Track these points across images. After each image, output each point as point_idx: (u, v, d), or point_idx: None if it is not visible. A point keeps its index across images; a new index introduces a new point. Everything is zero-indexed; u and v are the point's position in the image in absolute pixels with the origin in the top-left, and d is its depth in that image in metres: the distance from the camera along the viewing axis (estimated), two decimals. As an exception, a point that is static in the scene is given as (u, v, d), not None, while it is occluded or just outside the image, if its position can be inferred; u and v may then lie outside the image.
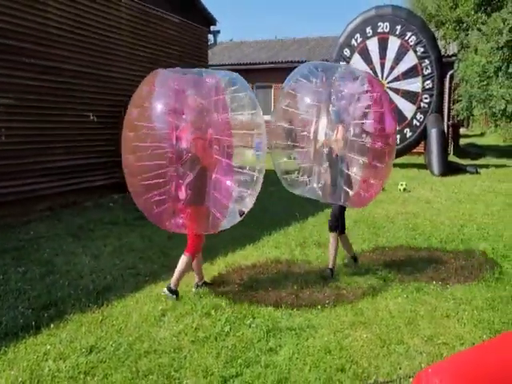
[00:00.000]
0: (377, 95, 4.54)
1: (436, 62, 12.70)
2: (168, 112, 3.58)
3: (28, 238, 5.93)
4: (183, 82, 3.77)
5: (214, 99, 3.67)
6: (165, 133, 3.58)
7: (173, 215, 3.69)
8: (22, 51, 6.74)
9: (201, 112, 3.67)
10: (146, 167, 3.52)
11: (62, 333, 3.37)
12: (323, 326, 3.60)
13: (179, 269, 4.02)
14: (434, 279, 4.63)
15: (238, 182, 3.80)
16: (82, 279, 4.50)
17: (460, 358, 2.38)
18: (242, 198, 3.83)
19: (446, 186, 10.49)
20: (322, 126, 4.54)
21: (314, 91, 4.64)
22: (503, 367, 2.22)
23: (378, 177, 4.65)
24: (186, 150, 3.59)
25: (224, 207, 3.77)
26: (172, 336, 3.37)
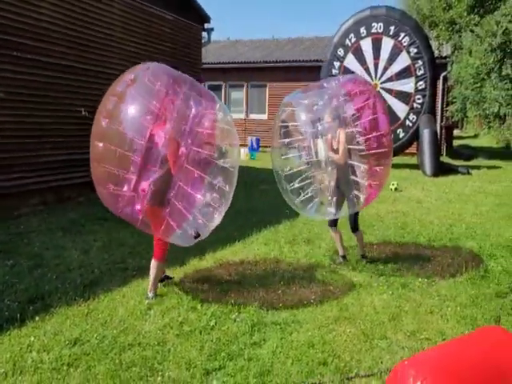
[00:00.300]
0: (370, 100, 4.64)
1: (429, 63, 12.78)
2: (149, 106, 3.51)
3: (18, 231, 5.92)
4: (180, 79, 3.71)
5: (202, 110, 3.61)
6: (138, 125, 3.47)
7: (129, 203, 3.52)
8: (11, 45, 6.71)
9: (182, 115, 3.58)
10: (111, 155, 3.40)
11: (46, 325, 3.38)
12: (308, 321, 3.63)
13: (152, 276, 3.95)
14: (420, 276, 4.68)
15: (207, 196, 3.71)
16: (70, 273, 4.51)
17: (437, 351, 2.43)
18: (209, 214, 3.75)
19: (437, 186, 10.57)
20: (320, 146, 4.66)
21: (310, 108, 4.71)
22: (478, 360, 2.27)
23: (379, 178, 4.78)
24: (159, 147, 3.49)
25: (182, 218, 3.63)
26: (157, 329, 3.39)
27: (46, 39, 7.32)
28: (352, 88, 4.71)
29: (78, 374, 2.78)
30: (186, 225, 3.71)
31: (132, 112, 3.50)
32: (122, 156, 3.41)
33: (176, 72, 3.77)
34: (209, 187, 3.73)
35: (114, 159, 3.42)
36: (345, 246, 5.29)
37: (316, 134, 4.66)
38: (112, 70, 8.67)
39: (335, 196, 4.72)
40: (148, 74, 3.61)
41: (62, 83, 7.62)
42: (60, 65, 7.60)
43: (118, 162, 3.42)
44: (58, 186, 7.61)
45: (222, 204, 3.74)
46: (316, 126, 4.66)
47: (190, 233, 3.63)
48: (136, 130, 3.45)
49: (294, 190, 4.84)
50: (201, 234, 3.67)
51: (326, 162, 4.66)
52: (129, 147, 3.42)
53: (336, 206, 4.75)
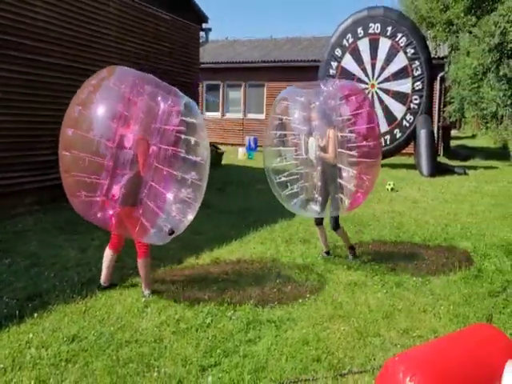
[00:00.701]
0: (365, 108, 4.69)
1: (426, 63, 12.85)
2: (114, 110, 3.50)
3: (15, 230, 5.96)
4: (143, 79, 3.70)
5: (168, 108, 3.60)
6: (107, 128, 3.48)
7: (101, 208, 3.55)
8: (12, 45, 6.75)
9: (150, 114, 3.58)
10: (81, 162, 3.41)
11: (45, 322, 3.43)
12: (303, 319, 3.68)
13: (143, 275, 3.99)
14: (415, 275, 4.74)
15: (181, 192, 3.69)
16: (68, 271, 4.55)
17: (427, 347, 2.48)
18: (183, 209, 3.73)
19: (433, 186, 10.64)
20: (312, 144, 4.70)
21: (305, 106, 4.76)
22: (467, 357, 2.32)
23: (365, 187, 4.83)
24: (128, 149, 3.50)
25: (154, 216, 3.63)
26: (154, 327, 3.44)
27: (45, 39, 7.35)
28: (348, 93, 4.76)
29: (76, 370, 2.83)
30: (159, 223, 3.71)
31: (98, 117, 3.49)
32: (91, 162, 3.41)
33: (140, 73, 3.79)
34: (181, 183, 3.73)
35: (83, 167, 3.42)
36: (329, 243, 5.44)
37: (309, 132, 4.70)
38: (110, 69, 8.70)
39: (321, 195, 4.76)
40: (112, 77, 3.63)
41: (59, 83, 7.65)
42: (58, 64, 7.63)
43: (88, 169, 3.42)
44: (54, 185, 7.62)
45: (196, 198, 3.76)
46: (309, 124, 4.70)
47: (164, 230, 3.66)
48: (104, 135, 3.46)
49: (281, 183, 4.88)
50: (175, 230, 3.67)
51: (315, 161, 4.69)
52: (98, 152, 3.43)
53: (321, 205, 4.80)
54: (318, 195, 4.76)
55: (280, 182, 4.89)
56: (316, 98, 4.75)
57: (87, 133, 3.42)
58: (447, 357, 2.30)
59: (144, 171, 3.55)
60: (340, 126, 4.66)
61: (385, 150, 13.29)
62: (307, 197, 4.83)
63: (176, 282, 4.39)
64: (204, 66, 18.60)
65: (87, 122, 3.46)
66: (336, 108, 4.70)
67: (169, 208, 3.67)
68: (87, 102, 3.50)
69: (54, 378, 2.74)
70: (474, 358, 2.31)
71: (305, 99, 4.79)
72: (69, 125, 3.48)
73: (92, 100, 3.50)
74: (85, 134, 3.42)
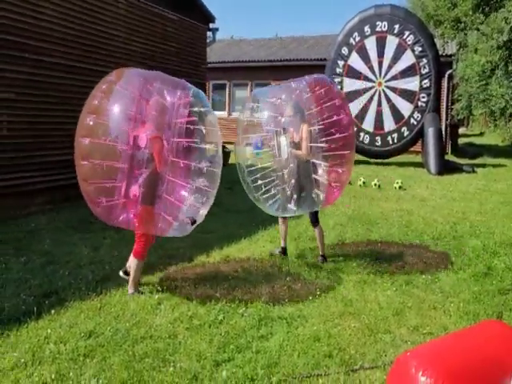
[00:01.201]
0: (335, 101, 4.63)
1: (434, 61, 12.82)
2: (126, 113, 3.57)
3: (29, 229, 6.06)
4: (151, 77, 3.77)
5: (177, 101, 3.67)
6: (121, 132, 3.57)
7: (122, 210, 3.64)
8: (22, 46, 6.84)
9: (162, 111, 3.66)
10: (98, 169, 3.50)
11: (62, 318, 3.51)
12: (313, 316, 3.73)
13: (133, 274, 4.03)
14: (424, 273, 4.77)
15: (193, 189, 3.78)
16: (82, 269, 4.63)
17: (438, 343, 2.53)
18: (201, 198, 3.81)
19: (441, 184, 10.63)
20: (283, 144, 4.65)
21: (274, 104, 4.71)
22: (478, 352, 2.36)
23: (340, 180, 4.76)
24: (143, 149, 3.58)
25: (176, 211, 3.72)
26: (168, 323, 3.51)
27: (52, 40, 7.44)
28: (318, 87, 4.67)
29: (94, 365, 2.90)
30: (181, 215, 3.80)
31: (113, 122, 3.58)
32: (109, 167, 3.52)
33: (147, 71, 3.86)
34: (197, 172, 3.82)
35: (101, 173, 3.52)
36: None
37: (279, 131, 4.65)
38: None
39: (296, 193, 4.65)
40: (121, 81, 3.70)
41: (70, 83, 7.75)
42: (68, 65, 7.72)
43: (106, 175, 3.52)
44: (66, 184, 7.74)
45: (212, 186, 3.84)
46: (279, 121, 4.64)
47: (185, 221, 3.73)
48: (119, 138, 3.55)
49: (256, 186, 4.83)
50: (196, 220, 3.75)
51: (288, 159, 4.63)
52: (115, 157, 3.52)
53: (296, 203, 4.68)
54: (293, 192, 4.65)
55: (256, 185, 4.82)
56: (284, 93, 4.70)
57: (103, 140, 3.51)
58: (458, 352, 2.34)
59: (160, 168, 3.64)
60: (312, 121, 4.60)
61: (392, 148, 13.35)
62: (284, 198, 4.73)
63: (187, 279, 4.46)
64: (210, 65, 18.66)
65: (102, 129, 3.56)
66: (307, 102, 4.65)
67: (188, 199, 3.75)
68: (100, 109, 3.59)
69: (74, 372, 2.81)
70: (484, 353, 2.35)
71: (273, 98, 4.73)
72: (84, 134, 3.57)
73: (105, 106, 3.58)
74: (101, 142, 3.50)
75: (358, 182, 10.30)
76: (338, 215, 7.34)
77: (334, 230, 6.48)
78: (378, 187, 10.02)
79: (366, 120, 13.47)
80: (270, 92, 4.94)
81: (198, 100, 3.84)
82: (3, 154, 6.63)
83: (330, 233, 6.30)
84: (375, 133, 13.40)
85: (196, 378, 2.82)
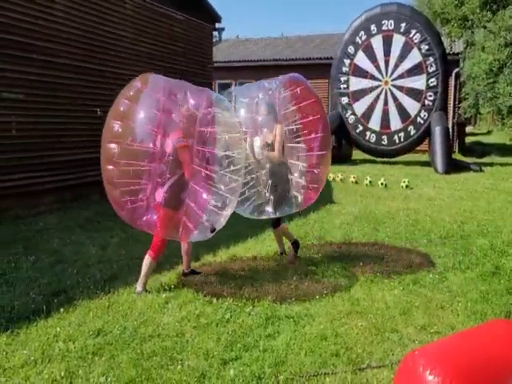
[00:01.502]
0: (311, 100, 4.52)
1: (440, 59, 12.76)
2: (153, 117, 3.63)
3: (38, 228, 6.12)
4: (176, 87, 3.83)
5: (204, 110, 3.73)
6: (148, 134, 3.65)
7: (146, 211, 3.72)
8: (30, 47, 6.91)
9: (191, 120, 3.72)
10: (125, 174, 3.58)
11: (71, 317, 3.54)
12: (320, 315, 3.74)
13: (144, 271, 4.06)
14: (431, 272, 4.75)
15: (215, 196, 3.85)
16: (90, 268, 4.67)
17: (446, 341, 2.52)
18: (216, 213, 3.85)
19: (449, 183, 10.57)
20: (257, 143, 4.56)
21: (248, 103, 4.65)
22: (487, 351, 2.36)
23: (317, 181, 4.64)
24: (168, 155, 3.65)
25: (197, 218, 3.79)
26: (175, 322, 3.53)
27: (62, 41, 7.51)
28: (293, 86, 4.57)
29: (103, 362, 2.93)
30: (201, 222, 3.85)
31: (140, 126, 3.66)
32: (135, 171, 3.63)
33: (169, 79, 3.90)
34: (220, 179, 3.87)
35: (128, 177, 3.62)
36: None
37: (254, 132, 4.58)
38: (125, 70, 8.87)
39: (272, 194, 4.56)
40: (146, 87, 3.74)
41: (77, 84, 7.81)
42: (76, 66, 7.79)
43: (132, 177, 3.63)
44: (74, 184, 7.81)
45: (235, 192, 3.89)
46: (255, 121, 4.58)
47: (206, 225, 3.79)
48: (145, 141, 3.64)
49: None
50: (216, 226, 3.83)
51: (263, 159, 4.56)
52: (140, 159, 3.62)
53: (273, 205, 4.59)
54: (270, 194, 4.57)
55: None
56: (259, 92, 4.62)
57: (130, 143, 3.57)
58: (466, 351, 2.34)
59: (188, 176, 3.70)
60: (287, 121, 4.53)
61: (398, 147, 13.31)
62: (260, 200, 4.65)
63: (194, 279, 4.48)
64: (216, 65, 18.69)
65: (129, 133, 3.62)
66: (282, 102, 4.56)
67: (209, 205, 3.80)
68: (127, 114, 3.64)
69: (83, 370, 2.84)
70: (492, 352, 2.34)
71: (248, 99, 4.66)
72: (110, 139, 3.62)
73: (131, 111, 3.64)
74: (127, 146, 3.55)
75: (364, 181, 10.28)
76: (344, 214, 7.34)
77: (340, 230, 6.48)
78: (384, 186, 10.00)
79: (372, 119, 13.43)
80: (246, 91, 4.85)
81: (221, 108, 3.90)
82: (12, 154, 6.70)
83: (337, 232, 6.30)
84: (382, 132, 13.36)
85: (204, 376, 2.83)
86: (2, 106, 6.68)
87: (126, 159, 3.58)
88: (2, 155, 6.57)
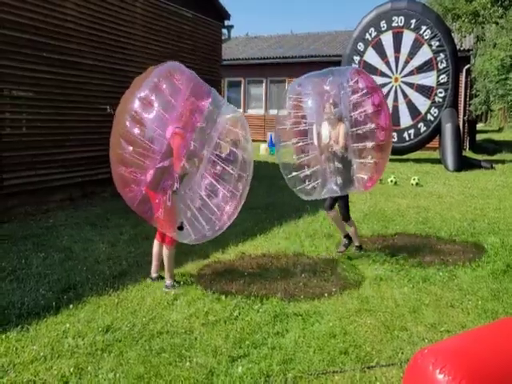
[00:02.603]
0: (367, 86, 4.73)
1: (451, 56, 12.62)
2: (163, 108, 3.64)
3: (48, 225, 6.17)
4: (202, 91, 3.84)
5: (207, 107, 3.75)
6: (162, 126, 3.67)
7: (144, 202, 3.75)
8: (41, 46, 6.95)
9: (192, 113, 3.73)
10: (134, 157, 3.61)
11: (80, 313, 3.57)
12: (329, 313, 3.72)
13: (166, 264, 4.10)
14: (441, 270, 4.71)
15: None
16: (99, 265, 4.70)
17: (456, 339, 2.49)
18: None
19: (459, 181, 10.47)
20: (324, 130, 4.74)
21: (318, 92, 4.78)
22: (498, 350, 2.32)
23: (383, 157, 4.86)
24: (166, 140, 3.67)
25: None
26: (184, 318, 3.54)
27: (74, 40, 7.55)
28: (371, 88, 4.77)
29: (112, 359, 2.94)
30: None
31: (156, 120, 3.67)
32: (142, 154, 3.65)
33: (197, 82, 3.88)
34: (225, 180, 3.88)
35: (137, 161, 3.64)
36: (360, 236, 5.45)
37: (319, 123, 4.74)
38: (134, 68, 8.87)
39: (338, 175, 4.73)
40: (171, 78, 3.76)
41: (87, 82, 7.85)
42: (86, 64, 7.82)
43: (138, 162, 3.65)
44: (83, 181, 7.86)
45: (240, 193, 3.90)
46: (321, 113, 4.73)
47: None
48: (161, 133, 3.67)
49: (300, 178, 4.89)
50: (184, 225, 3.80)
51: (328, 144, 4.72)
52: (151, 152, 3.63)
53: (339, 184, 4.74)
54: (335, 175, 4.74)
55: (302, 177, 4.89)
56: (335, 89, 4.73)
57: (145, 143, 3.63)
58: (477, 350, 2.30)
59: (177, 168, 3.67)
60: (359, 119, 4.66)
61: (408, 144, 13.19)
62: (321, 179, 4.81)
63: (203, 275, 4.49)
64: (226, 62, 18.68)
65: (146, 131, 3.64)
66: (359, 103, 4.68)
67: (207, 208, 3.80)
68: (139, 116, 3.65)
69: (92, 366, 2.86)
70: (504, 351, 2.31)
71: (316, 91, 4.78)
72: (125, 140, 3.63)
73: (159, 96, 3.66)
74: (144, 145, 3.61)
75: (373, 179, 10.21)
76: (353, 212, 7.23)
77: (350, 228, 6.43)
78: (394, 184, 9.92)
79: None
80: (314, 83, 4.94)
81: (232, 113, 3.93)
82: (23, 151, 6.75)
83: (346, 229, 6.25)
84: (391, 129, 13.25)
85: (212, 373, 2.83)
86: (13, 103, 6.74)
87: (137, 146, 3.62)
88: (13, 152, 6.63)
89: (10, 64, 6.53)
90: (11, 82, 6.61)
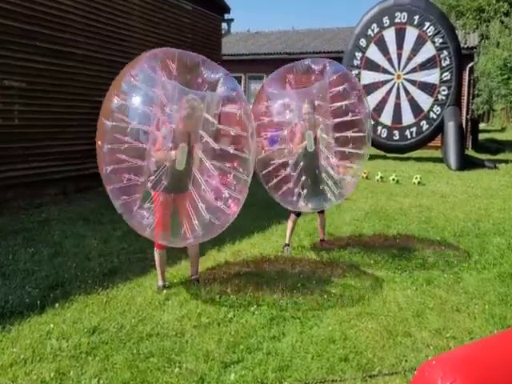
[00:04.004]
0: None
1: (455, 53, 12.42)
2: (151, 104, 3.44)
3: (39, 219, 5.98)
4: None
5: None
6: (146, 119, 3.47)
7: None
8: (35, 35, 6.74)
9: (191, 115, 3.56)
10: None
11: (66, 313, 3.38)
12: (329, 316, 3.54)
13: (157, 266, 3.91)
14: (446, 272, 4.53)
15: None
16: (90, 261, 4.51)
17: (466, 350, 2.30)
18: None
19: (462, 180, 10.28)
20: (311, 136, 4.56)
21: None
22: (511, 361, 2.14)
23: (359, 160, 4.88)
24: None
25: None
26: (175, 320, 3.35)
27: (69, 30, 7.34)
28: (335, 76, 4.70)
29: (96, 363, 2.76)
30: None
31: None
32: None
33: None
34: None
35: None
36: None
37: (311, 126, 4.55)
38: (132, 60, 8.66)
39: (330, 181, 4.57)
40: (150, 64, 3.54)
41: (83, 73, 7.65)
42: (81, 55, 7.62)
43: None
44: (78, 175, 7.67)
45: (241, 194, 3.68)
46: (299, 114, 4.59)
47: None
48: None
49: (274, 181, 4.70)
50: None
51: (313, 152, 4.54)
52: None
53: (334, 192, 4.58)
54: (327, 182, 4.56)
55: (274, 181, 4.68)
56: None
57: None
58: (489, 361, 2.12)
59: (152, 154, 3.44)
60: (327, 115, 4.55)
61: (410, 142, 12.99)
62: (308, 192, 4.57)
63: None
64: (226, 58, 18.44)
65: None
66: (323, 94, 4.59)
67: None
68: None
69: (74, 371, 2.67)
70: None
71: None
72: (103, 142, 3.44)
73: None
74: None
75: (375, 177, 10.02)
76: (354, 210, 7.10)
77: (350, 226, 6.26)
78: (396, 182, 9.73)
79: (383, 113, 13.13)
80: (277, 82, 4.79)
81: (232, 101, 3.71)
82: (15, 143, 6.56)
83: (347, 228, 6.08)
84: (393, 126, 13.06)
85: (202, 380, 2.65)
86: (5, 94, 6.53)
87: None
88: (5, 144, 6.43)
89: (1, 53, 6.32)
90: (2, 71, 6.39)
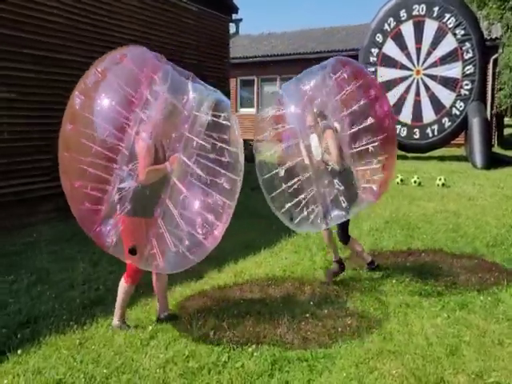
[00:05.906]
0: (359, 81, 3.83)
1: (478, 44, 11.64)
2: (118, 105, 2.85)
3: (28, 241, 5.53)
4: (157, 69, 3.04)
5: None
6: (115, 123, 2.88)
7: (104, 221, 2.91)
8: (22, 42, 6.32)
9: (170, 116, 2.98)
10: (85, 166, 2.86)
11: (30, 360, 2.86)
12: (342, 356, 2.94)
13: (118, 301, 3.27)
14: (482, 293, 3.88)
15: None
16: (72, 290, 4.02)
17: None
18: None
19: (490, 180, 9.49)
20: (314, 143, 3.83)
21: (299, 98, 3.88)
22: None
23: (391, 152, 3.95)
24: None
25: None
26: (157, 367, 2.80)
27: (62, 35, 6.92)
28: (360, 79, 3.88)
29: None
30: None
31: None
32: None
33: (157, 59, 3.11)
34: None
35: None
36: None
37: (305, 135, 3.81)
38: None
39: (342, 196, 3.80)
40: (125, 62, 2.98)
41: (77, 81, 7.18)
42: (75, 61, 7.17)
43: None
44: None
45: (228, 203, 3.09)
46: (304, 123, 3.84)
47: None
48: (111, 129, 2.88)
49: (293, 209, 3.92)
50: (135, 248, 2.93)
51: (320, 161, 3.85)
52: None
53: (344, 207, 3.80)
54: (338, 197, 3.79)
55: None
56: (317, 93, 3.91)
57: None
58: None
59: (141, 176, 2.91)
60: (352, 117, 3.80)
61: (432, 141, 12.22)
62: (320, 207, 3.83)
63: (191, 305, 3.75)
64: (239, 61, 17.97)
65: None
66: (348, 99, 3.81)
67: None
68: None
69: None
70: None
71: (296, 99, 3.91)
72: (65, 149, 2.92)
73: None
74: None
75: (395, 180, 9.31)
76: (373, 218, 6.46)
77: (368, 237, 5.63)
78: (418, 185, 9.02)
79: (403, 112, 12.40)
80: (293, 89, 4.06)
81: (217, 107, 3.09)
82: (4, 158, 6.13)
83: (365, 240, 5.45)
84: (413, 125, 12.33)
85: None
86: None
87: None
88: None
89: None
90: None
